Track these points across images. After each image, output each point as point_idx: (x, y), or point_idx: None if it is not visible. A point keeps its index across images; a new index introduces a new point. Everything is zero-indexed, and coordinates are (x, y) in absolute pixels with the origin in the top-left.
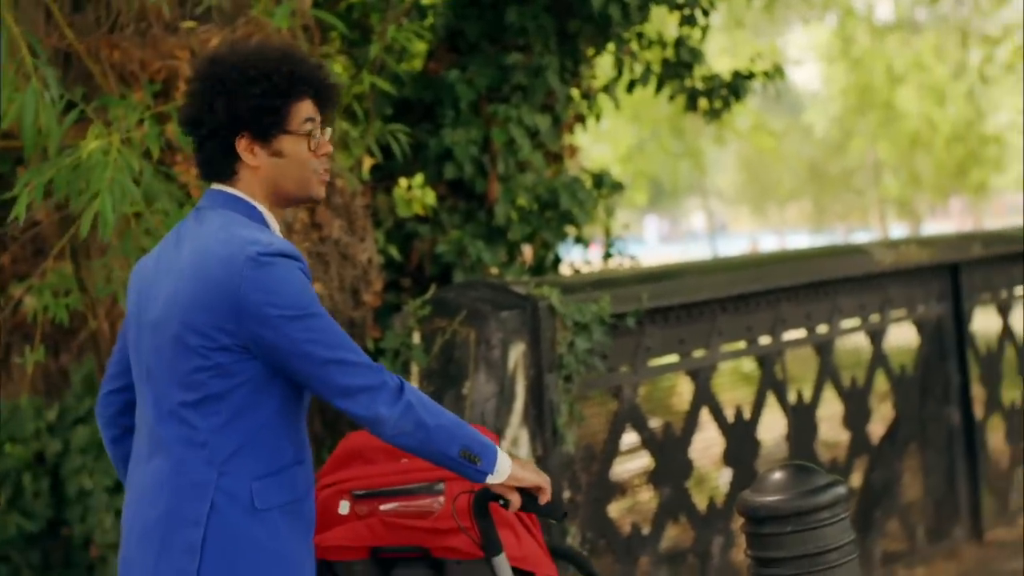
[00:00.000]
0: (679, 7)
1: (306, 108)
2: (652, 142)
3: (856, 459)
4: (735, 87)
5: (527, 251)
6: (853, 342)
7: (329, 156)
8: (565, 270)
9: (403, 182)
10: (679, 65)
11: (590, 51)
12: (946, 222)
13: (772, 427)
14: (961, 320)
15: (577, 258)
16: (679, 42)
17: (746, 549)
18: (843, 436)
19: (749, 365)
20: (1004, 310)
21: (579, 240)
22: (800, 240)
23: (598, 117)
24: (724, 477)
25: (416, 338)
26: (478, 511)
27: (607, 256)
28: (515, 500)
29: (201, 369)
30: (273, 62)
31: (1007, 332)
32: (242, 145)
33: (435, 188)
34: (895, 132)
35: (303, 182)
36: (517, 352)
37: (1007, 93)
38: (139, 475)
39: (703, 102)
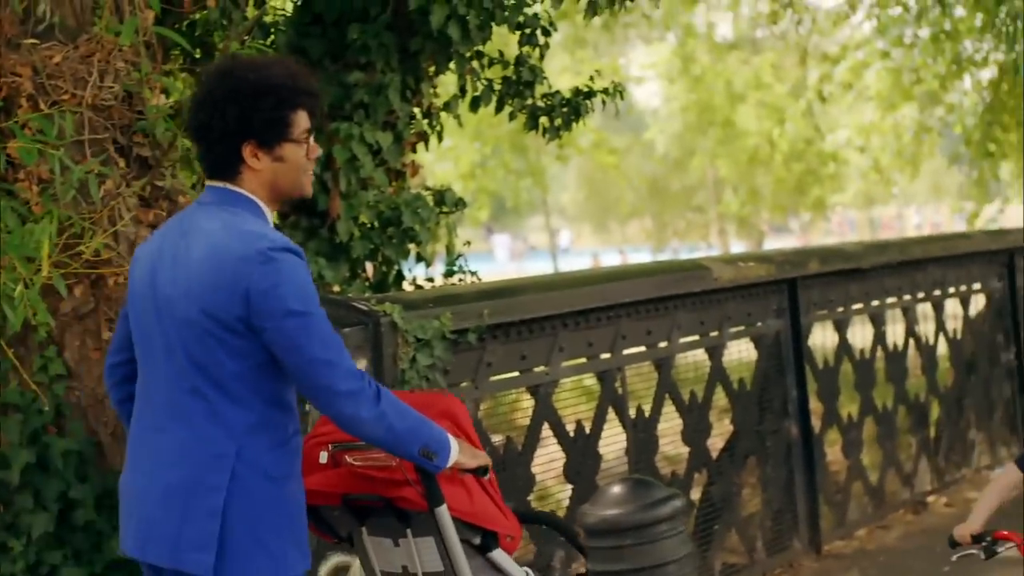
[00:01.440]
0: (520, 26)
1: (303, 118)
2: (494, 159)
3: (696, 473)
4: (575, 105)
5: (369, 268)
6: (693, 357)
7: (318, 158)
8: (407, 287)
9: None
10: (520, 83)
11: (431, 69)
12: (788, 239)
13: (613, 442)
14: (799, 335)
15: (420, 275)
16: (520, 61)
17: (586, 562)
18: (683, 450)
19: (590, 380)
20: (841, 325)
21: (421, 257)
22: (641, 257)
23: (440, 135)
24: (565, 492)
25: None
26: (418, 467)
27: (449, 273)
28: None
29: (219, 351)
30: (279, 76)
31: (844, 347)
32: (248, 151)
33: None
34: (735, 150)
35: (298, 183)
36: (359, 368)
37: (845, 111)
38: (155, 442)
39: (544, 120)
